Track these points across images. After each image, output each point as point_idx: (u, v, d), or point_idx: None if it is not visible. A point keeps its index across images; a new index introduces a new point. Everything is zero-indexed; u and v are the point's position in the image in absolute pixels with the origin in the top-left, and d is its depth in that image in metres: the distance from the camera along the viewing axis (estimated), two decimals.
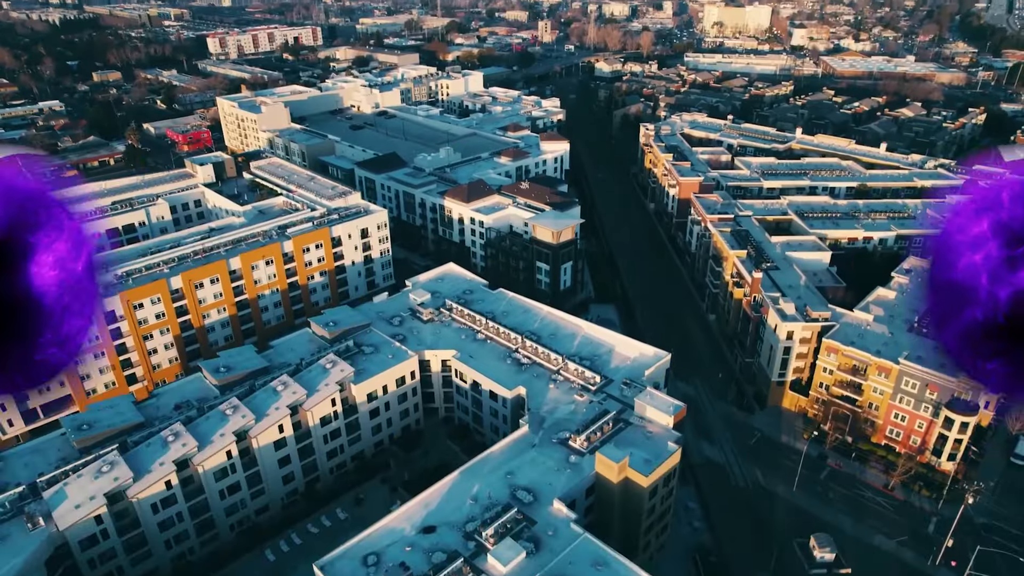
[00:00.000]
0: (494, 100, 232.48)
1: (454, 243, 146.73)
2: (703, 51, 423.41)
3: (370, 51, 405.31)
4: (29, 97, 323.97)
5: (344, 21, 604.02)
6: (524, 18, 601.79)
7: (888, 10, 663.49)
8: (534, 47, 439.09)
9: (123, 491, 67.62)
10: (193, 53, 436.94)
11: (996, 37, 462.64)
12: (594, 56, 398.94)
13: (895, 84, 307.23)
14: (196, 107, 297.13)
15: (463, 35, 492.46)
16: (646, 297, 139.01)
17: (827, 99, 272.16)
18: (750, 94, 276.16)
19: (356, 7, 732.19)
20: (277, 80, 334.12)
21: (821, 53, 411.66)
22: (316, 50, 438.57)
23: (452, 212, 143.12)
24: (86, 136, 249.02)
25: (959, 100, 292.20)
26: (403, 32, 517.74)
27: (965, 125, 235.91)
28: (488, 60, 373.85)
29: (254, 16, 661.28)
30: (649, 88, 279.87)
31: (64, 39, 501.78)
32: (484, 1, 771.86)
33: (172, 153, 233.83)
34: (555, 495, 66.03)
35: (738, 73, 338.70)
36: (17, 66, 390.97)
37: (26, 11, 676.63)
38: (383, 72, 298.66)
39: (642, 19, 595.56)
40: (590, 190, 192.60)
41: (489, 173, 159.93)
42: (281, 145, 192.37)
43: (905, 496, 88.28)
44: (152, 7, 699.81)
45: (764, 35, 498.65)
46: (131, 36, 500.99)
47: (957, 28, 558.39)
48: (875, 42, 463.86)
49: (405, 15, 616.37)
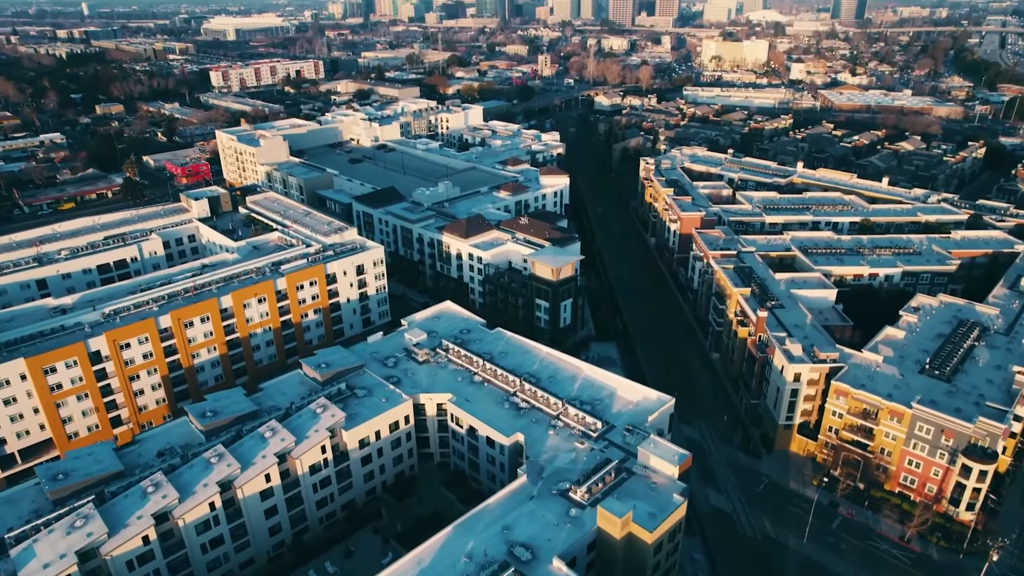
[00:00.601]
0: (494, 134, 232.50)
1: (452, 279, 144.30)
2: (702, 84, 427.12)
3: (371, 84, 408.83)
4: (31, 130, 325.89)
5: (346, 55, 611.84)
6: (524, 52, 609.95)
7: (883, 45, 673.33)
8: (534, 81, 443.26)
9: (96, 548, 63.83)
10: (196, 86, 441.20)
11: (991, 72, 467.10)
12: (594, 90, 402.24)
13: (894, 118, 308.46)
14: (197, 140, 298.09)
15: (464, 69, 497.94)
16: (648, 334, 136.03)
17: (827, 132, 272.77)
18: (749, 127, 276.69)
19: (359, 41, 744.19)
20: (278, 113, 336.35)
21: (819, 87, 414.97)
22: (317, 83, 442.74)
23: (450, 248, 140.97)
24: (85, 169, 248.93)
25: (958, 134, 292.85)
26: (404, 66, 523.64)
27: (966, 159, 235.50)
28: (488, 93, 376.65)
29: (257, 50, 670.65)
30: (649, 121, 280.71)
31: (70, 72, 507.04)
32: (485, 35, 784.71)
33: (170, 186, 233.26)
34: (554, 552, 62.31)
35: (737, 106, 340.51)
36: (21, 99, 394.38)
37: (34, 46, 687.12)
38: (383, 105, 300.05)
39: (641, 53, 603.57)
40: (590, 224, 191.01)
41: (488, 208, 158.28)
42: (279, 178, 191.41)
43: (923, 548, 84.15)
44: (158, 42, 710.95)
45: (762, 69, 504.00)
46: (135, 70, 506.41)
47: (952, 62, 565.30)
48: (871, 76, 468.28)
49: (407, 49, 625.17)
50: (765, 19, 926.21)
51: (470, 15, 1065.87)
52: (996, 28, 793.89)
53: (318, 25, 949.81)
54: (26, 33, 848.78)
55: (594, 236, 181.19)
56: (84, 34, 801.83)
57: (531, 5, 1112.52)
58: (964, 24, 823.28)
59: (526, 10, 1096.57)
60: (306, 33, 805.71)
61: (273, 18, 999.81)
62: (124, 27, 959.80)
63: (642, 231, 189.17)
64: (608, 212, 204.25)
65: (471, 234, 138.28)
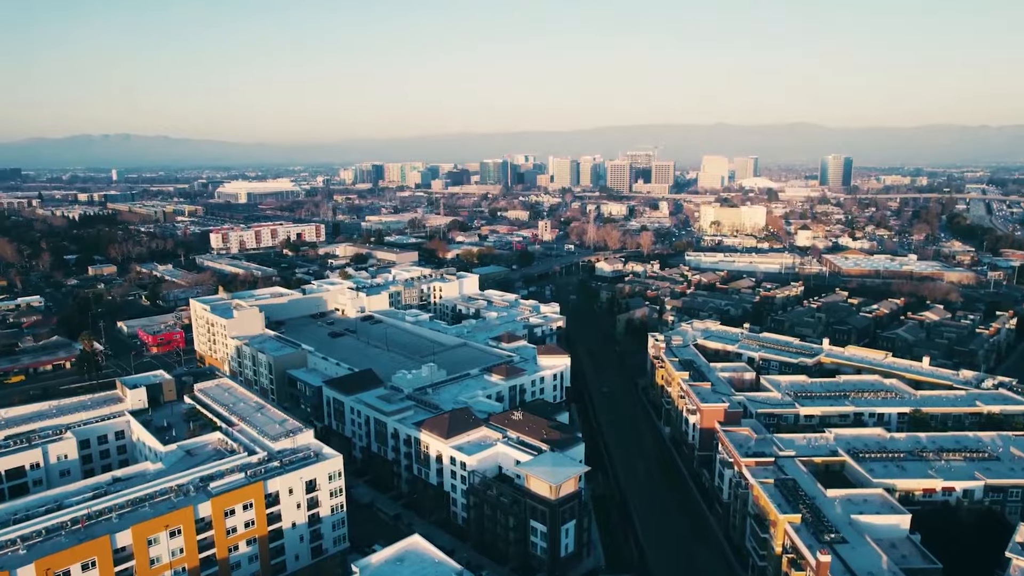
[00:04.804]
0: (489, 304, 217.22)
1: (431, 485, 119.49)
2: (703, 249, 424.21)
3: (370, 248, 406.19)
4: (14, 292, 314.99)
5: (351, 218, 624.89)
6: (525, 217, 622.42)
7: (874, 210, 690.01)
8: (534, 245, 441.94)
9: None
10: (195, 248, 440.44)
11: (990, 237, 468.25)
12: (594, 255, 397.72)
13: (908, 284, 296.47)
14: (181, 304, 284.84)
15: (464, 233, 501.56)
16: (671, 563, 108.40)
17: (842, 301, 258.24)
18: (760, 296, 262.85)
19: (365, 206, 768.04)
20: (270, 276, 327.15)
21: (822, 251, 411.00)
22: (317, 246, 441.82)
23: (429, 448, 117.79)
24: (50, 336, 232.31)
25: (977, 301, 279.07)
26: (406, 230, 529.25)
27: (999, 331, 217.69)
28: (488, 259, 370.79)
29: (264, 212, 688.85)
30: (653, 290, 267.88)
31: (76, 234, 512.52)
32: (487, 201, 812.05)
33: (140, 355, 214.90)
34: None
35: (743, 273, 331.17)
36: (18, 260, 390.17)
37: (52, 208, 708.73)
38: (380, 270, 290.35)
39: (639, 218, 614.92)
40: (594, 408, 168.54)
41: (478, 395, 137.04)
42: (249, 354, 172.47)
43: None
44: (170, 204, 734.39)
45: (761, 233, 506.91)
46: (139, 231, 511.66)
47: (945, 227, 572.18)
48: (872, 240, 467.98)
49: (410, 213, 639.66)
50: (757, 186, 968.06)
51: (474, 182, 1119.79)
52: (979, 195, 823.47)
53: (328, 190, 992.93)
54: (51, 197, 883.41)
55: (600, 425, 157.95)
56: (103, 197, 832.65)
57: (532, 173, 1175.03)
58: (948, 191, 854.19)
59: (528, 177, 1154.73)
60: (315, 197, 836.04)
61: (286, 183, 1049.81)
62: (145, 191, 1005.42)
63: (654, 417, 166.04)
64: (614, 391, 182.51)
65: (454, 433, 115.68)
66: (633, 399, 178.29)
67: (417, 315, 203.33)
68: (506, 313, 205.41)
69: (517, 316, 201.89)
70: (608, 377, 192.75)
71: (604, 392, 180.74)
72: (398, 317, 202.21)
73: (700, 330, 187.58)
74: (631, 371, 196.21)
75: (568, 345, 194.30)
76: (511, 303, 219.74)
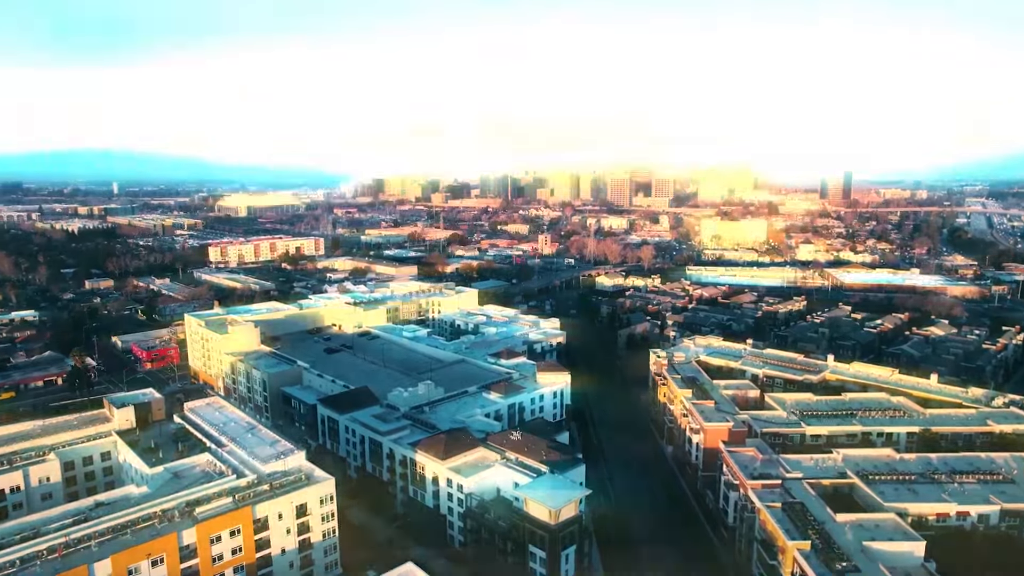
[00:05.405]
0: (489, 319, 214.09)
1: (427, 507, 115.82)
2: (704, 263, 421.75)
3: (369, 262, 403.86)
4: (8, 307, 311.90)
5: (351, 232, 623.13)
6: (525, 231, 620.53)
7: (875, 223, 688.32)
8: (534, 259, 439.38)
9: None
10: (193, 261, 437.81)
11: (992, 251, 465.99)
12: (595, 269, 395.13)
13: (912, 299, 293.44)
14: (177, 318, 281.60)
15: (464, 247, 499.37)
16: None
17: (846, 315, 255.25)
18: (762, 311, 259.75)
19: (365, 219, 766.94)
20: (268, 290, 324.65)
21: (823, 265, 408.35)
22: (316, 260, 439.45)
23: (425, 470, 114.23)
24: (43, 351, 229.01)
25: (983, 315, 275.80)
26: (406, 243, 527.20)
27: (1007, 346, 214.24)
28: (487, 273, 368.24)
29: (264, 226, 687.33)
30: (654, 304, 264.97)
31: (74, 247, 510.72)
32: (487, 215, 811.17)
33: (133, 371, 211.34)
34: None
35: (745, 287, 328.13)
36: (15, 274, 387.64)
37: (51, 221, 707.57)
38: (379, 284, 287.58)
39: (639, 232, 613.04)
40: (594, 426, 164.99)
41: (476, 413, 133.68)
42: (243, 371, 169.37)
43: None
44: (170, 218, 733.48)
45: (762, 247, 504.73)
46: (138, 244, 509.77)
47: (947, 240, 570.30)
48: (873, 254, 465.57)
49: (410, 227, 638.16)
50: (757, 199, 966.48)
51: (474, 195, 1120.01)
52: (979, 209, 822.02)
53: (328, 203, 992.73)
54: (52, 210, 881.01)
55: (601, 444, 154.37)
56: (103, 210, 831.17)
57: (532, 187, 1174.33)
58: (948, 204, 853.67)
59: (528, 191, 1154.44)
60: (315, 211, 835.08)
61: (286, 196, 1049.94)
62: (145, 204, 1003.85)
63: (656, 436, 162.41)
64: (615, 409, 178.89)
65: (451, 454, 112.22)
66: (634, 416, 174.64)
67: (415, 330, 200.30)
68: (505, 328, 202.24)
69: (516, 331, 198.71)
70: (609, 394, 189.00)
71: (605, 409, 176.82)
72: (396, 332, 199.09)
73: (703, 346, 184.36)
74: (631, 386, 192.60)
75: (568, 361, 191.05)
76: (510, 318, 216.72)
